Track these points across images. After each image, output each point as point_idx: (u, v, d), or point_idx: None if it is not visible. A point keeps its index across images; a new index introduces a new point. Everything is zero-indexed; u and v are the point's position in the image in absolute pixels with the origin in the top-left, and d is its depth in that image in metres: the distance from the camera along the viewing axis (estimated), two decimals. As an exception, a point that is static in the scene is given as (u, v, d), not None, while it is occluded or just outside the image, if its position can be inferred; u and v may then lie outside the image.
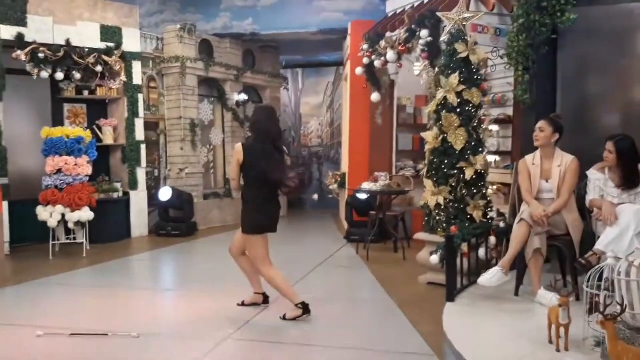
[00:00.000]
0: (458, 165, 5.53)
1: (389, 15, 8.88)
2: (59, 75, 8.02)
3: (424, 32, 6.85)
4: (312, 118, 14.36)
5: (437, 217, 5.66)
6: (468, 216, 5.53)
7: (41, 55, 7.74)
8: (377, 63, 8.14)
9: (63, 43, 8.04)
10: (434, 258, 5.36)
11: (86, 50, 8.27)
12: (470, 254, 4.95)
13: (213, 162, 11.18)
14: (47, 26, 7.98)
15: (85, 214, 7.45)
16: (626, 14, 5.48)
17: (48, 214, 7.29)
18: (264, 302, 5.08)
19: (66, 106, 8.83)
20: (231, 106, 11.00)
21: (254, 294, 5.08)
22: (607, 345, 2.93)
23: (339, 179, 10.17)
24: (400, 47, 7.40)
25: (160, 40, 9.92)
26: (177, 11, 10.99)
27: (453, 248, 4.67)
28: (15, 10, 7.70)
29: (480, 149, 5.62)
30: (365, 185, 7.56)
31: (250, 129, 5.15)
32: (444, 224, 5.55)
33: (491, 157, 6.67)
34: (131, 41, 8.98)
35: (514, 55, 5.64)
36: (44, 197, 7.35)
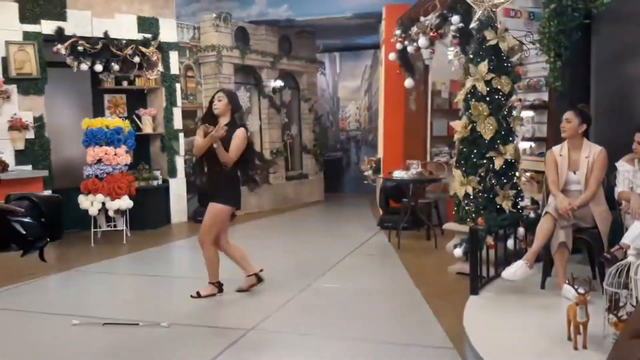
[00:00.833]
0: (487, 155, 5.45)
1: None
2: (98, 68, 8.24)
3: (455, 18, 6.72)
4: (350, 102, 14.30)
5: (466, 208, 5.61)
6: (497, 207, 5.45)
7: (80, 48, 7.99)
8: (410, 49, 8.04)
9: (102, 36, 8.26)
10: (458, 251, 5.33)
11: (124, 42, 8.46)
12: (497, 245, 4.91)
13: (250, 148, 11.29)
14: (86, 20, 8.21)
15: (125, 203, 7.70)
16: (665, -4, 5.25)
17: (89, 203, 7.57)
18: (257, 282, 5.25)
19: (107, 97, 9.09)
20: (268, 93, 11.09)
21: (246, 277, 5.23)
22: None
23: (374, 164, 10.12)
24: (432, 34, 7.29)
25: (196, 29, 10.04)
26: (213, 0, 11.08)
27: (477, 241, 4.62)
28: (55, 6, 7.97)
29: (510, 138, 5.52)
30: (397, 174, 7.53)
31: (238, 113, 5.31)
32: (473, 215, 5.50)
33: (526, 144, 6.55)
34: (168, 32, 9.14)
35: (545, 41, 5.49)
36: (85, 186, 7.63)
